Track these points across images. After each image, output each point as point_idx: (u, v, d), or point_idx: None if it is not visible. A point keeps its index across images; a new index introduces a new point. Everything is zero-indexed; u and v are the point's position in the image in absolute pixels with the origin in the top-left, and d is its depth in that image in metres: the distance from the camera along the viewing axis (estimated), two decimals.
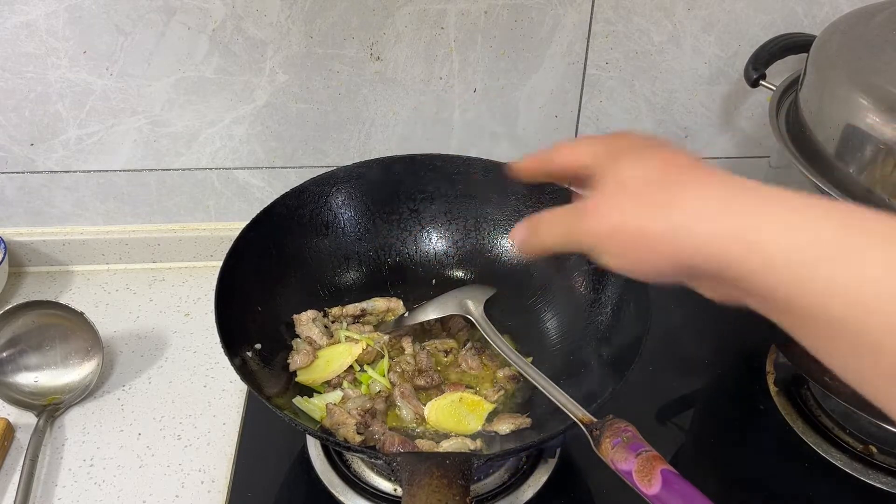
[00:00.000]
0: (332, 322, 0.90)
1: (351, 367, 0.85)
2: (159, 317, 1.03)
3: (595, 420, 0.66)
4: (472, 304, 0.86)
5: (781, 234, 0.42)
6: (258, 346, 0.82)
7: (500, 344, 0.81)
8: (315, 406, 0.80)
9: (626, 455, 0.60)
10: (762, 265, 0.42)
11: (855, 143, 0.70)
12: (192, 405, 0.91)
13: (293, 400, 0.81)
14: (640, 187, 0.48)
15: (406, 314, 0.90)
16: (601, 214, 0.49)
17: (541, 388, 0.74)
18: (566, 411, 0.69)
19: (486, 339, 0.83)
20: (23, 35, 0.89)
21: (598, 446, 0.63)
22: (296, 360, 0.84)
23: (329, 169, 0.93)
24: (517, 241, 0.57)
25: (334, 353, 0.86)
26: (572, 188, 0.58)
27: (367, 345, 0.87)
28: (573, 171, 0.55)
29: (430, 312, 0.86)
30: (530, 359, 0.85)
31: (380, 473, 0.81)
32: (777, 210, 0.43)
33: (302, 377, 0.84)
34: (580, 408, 0.69)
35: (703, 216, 0.45)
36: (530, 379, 0.76)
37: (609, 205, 0.49)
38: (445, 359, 0.88)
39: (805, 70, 0.79)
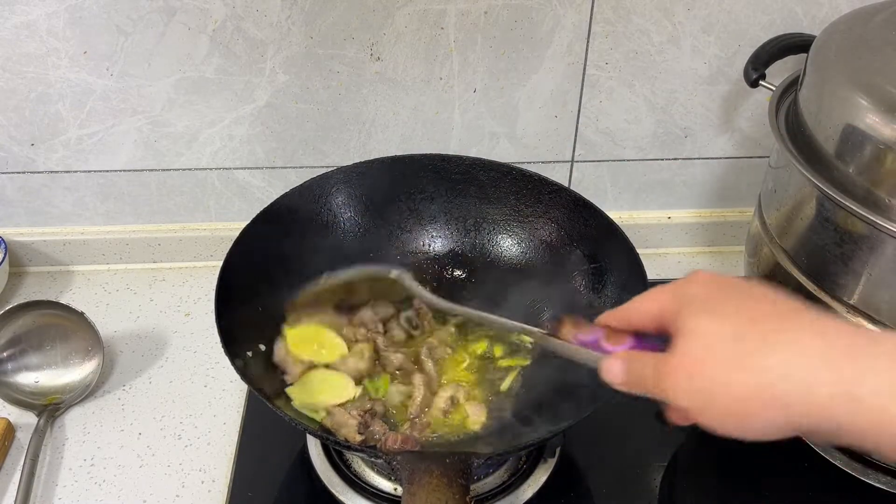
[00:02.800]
0: None
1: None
2: (160, 317, 1.03)
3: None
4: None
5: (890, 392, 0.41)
6: (260, 346, 0.82)
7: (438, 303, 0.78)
8: None
9: (591, 330, 0.58)
10: (871, 425, 0.42)
11: (854, 143, 0.70)
12: (193, 405, 0.91)
13: None
14: (728, 347, 0.46)
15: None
16: (690, 381, 0.47)
17: (491, 322, 0.72)
18: (526, 332, 0.67)
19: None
20: (23, 35, 0.89)
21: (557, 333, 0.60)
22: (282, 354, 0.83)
23: (329, 169, 0.93)
24: (609, 377, 0.55)
25: (330, 381, 0.81)
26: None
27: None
28: (651, 325, 0.53)
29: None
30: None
31: (380, 473, 0.81)
32: (883, 364, 0.42)
33: (294, 392, 0.79)
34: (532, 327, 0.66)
35: (802, 379, 0.43)
36: (478, 319, 0.73)
37: (698, 371, 0.47)
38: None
39: (805, 70, 0.79)
